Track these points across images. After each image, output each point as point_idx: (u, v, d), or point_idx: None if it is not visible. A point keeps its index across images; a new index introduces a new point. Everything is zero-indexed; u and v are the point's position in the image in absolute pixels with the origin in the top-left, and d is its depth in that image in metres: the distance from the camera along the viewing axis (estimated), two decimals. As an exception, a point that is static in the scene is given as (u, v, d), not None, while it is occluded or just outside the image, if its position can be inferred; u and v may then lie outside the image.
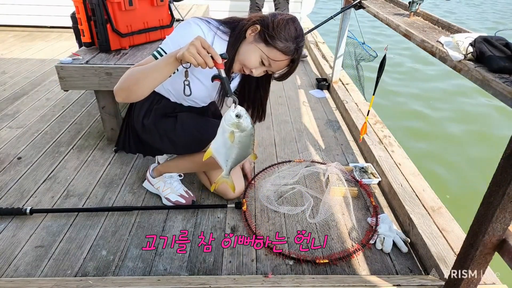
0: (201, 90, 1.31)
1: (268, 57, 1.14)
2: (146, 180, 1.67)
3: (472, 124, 3.84)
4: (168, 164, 1.60)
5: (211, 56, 0.96)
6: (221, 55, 0.98)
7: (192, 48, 0.93)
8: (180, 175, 1.64)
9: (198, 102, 1.44)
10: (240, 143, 0.99)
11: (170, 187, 1.58)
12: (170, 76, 1.06)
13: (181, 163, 1.56)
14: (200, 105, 1.48)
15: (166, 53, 1.14)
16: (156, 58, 1.13)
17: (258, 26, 1.13)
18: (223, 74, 1.01)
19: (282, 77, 1.25)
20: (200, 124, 1.41)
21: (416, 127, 3.69)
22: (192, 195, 1.61)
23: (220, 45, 1.21)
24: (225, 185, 1.47)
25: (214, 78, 1.02)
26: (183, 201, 1.56)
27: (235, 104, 0.97)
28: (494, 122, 3.90)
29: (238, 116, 0.95)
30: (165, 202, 1.58)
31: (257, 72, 1.20)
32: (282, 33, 1.11)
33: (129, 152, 1.57)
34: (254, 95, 1.42)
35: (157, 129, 1.40)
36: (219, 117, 1.68)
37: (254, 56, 1.15)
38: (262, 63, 1.17)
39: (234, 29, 1.20)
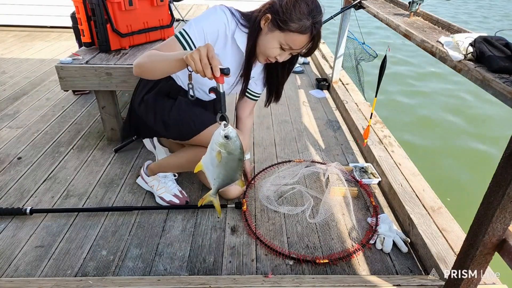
0: None
1: (286, 42, 1.14)
2: (140, 177, 1.67)
3: (473, 122, 3.84)
4: (161, 163, 1.59)
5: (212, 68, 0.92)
6: (223, 69, 0.91)
7: (196, 54, 0.91)
8: (174, 175, 1.63)
9: (206, 89, 1.42)
10: (227, 165, 0.96)
11: (164, 186, 1.58)
12: (178, 71, 1.05)
13: (172, 161, 1.56)
14: (206, 96, 1.47)
15: (188, 35, 1.15)
16: (178, 39, 1.15)
17: (269, 15, 1.13)
18: (221, 89, 0.94)
19: (308, 53, 1.23)
20: (196, 113, 1.39)
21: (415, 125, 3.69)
22: (186, 195, 1.61)
23: (241, 37, 1.22)
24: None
25: (210, 90, 0.97)
26: (177, 201, 1.56)
27: (226, 123, 0.93)
28: (495, 121, 3.90)
29: (226, 137, 0.92)
30: (158, 201, 1.59)
31: (282, 58, 1.20)
32: (293, 14, 1.09)
33: (128, 134, 1.58)
34: (281, 78, 1.44)
35: (155, 106, 1.40)
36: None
37: (273, 45, 1.15)
38: (283, 49, 1.17)
39: (250, 22, 1.21)
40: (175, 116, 1.38)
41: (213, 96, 1.49)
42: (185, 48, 1.15)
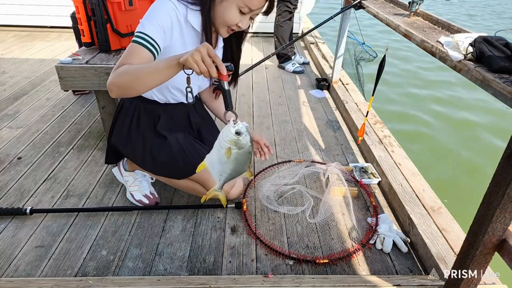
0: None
1: (244, 4, 1.09)
2: (116, 167, 1.64)
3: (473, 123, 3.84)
4: None
5: (216, 66, 0.90)
6: (226, 66, 0.92)
7: (197, 55, 0.86)
8: (152, 178, 1.63)
9: (183, 90, 1.36)
10: (237, 160, 0.96)
11: (138, 185, 1.58)
12: (170, 78, 1.01)
13: None
14: (185, 98, 1.41)
15: (146, 35, 1.08)
16: (139, 43, 1.08)
17: None
18: (226, 87, 0.95)
19: (267, 11, 1.18)
20: (187, 153, 1.38)
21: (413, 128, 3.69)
22: (157, 196, 1.61)
23: (194, 16, 1.18)
24: (225, 186, 1.47)
25: (216, 89, 0.96)
26: (146, 201, 1.56)
27: (236, 119, 0.92)
28: (495, 121, 3.90)
29: (238, 133, 0.91)
30: (128, 196, 1.60)
31: (244, 24, 1.15)
32: None
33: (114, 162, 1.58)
34: (236, 57, 1.37)
35: (144, 146, 1.39)
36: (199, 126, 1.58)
37: (232, 11, 1.11)
38: (242, 13, 1.12)
39: None
40: (165, 159, 1.38)
41: (190, 96, 1.46)
42: (150, 50, 1.09)
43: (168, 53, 1.15)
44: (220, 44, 1.36)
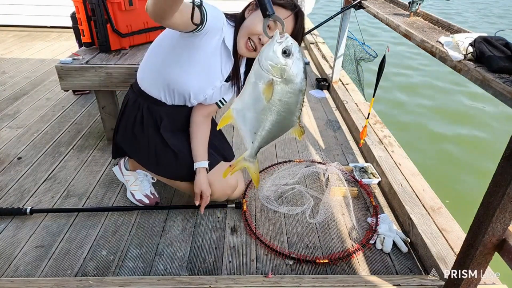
0: (200, 74, 1.18)
1: None
2: (117, 166, 1.64)
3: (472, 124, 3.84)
4: None
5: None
6: None
7: None
8: (153, 178, 1.63)
9: (186, 96, 1.32)
10: (281, 102, 0.60)
11: (139, 184, 1.58)
12: None
13: None
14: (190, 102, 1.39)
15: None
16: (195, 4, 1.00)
17: (254, 2, 1.17)
18: None
19: (296, 36, 1.18)
20: (189, 156, 1.38)
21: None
22: (157, 196, 1.61)
23: (228, 29, 1.21)
24: (223, 186, 1.47)
25: None
26: (147, 201, 1.56)
27: (282, 32, 0.58)
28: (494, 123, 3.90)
29: (286, 53, 0.56)
30: (129, 196, 1.60)
31: (265, 39, 1.13)
32: None
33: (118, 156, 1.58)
34: None
35: (149, 145, 1.39)
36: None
37: (257, 19, 1.12)
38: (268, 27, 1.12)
39: (236, 18, 1.23)
40: (167, 161, 1.39)
41: (194, 102, 1.36)
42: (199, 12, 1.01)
43: (192, 48, 1.16)
44: (242, 69, 1.37)
